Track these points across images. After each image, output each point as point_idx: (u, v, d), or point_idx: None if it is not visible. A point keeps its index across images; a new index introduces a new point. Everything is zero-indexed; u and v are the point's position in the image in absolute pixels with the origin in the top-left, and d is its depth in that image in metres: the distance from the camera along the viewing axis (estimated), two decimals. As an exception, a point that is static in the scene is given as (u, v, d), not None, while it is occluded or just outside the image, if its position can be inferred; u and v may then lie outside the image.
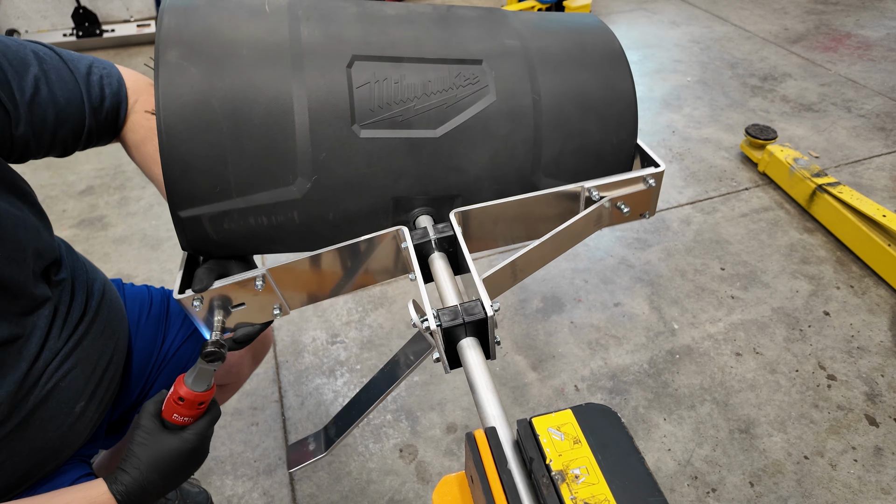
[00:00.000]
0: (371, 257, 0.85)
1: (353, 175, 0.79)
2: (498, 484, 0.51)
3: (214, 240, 0.80)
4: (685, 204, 2.59)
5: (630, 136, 0.89)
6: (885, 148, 2.84)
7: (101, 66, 0.90)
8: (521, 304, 2.16)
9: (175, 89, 0.72)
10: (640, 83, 3.51)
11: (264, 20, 0.80)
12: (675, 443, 1.70)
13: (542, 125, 0.85)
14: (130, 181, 2.96)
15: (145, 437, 0.78)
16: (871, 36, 3.90)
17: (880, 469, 1.61)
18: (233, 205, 0.77)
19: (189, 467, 0.81)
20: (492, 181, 0.86)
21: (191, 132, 0.72)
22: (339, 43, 0.80)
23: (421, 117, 0.80)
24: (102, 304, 0.96)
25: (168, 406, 0.79)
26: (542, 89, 0.85)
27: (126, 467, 0.77)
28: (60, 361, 0.85)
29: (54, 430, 0.86)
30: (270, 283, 0.80)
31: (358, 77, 0.78)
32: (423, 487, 1.63)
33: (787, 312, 2.06)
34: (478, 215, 0.85)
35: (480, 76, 0.83)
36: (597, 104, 0.87)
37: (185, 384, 0.77)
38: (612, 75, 0.88)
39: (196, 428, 0.80)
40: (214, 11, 0.79)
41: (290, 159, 0.76)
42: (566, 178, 0.89)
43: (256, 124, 0.74)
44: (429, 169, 0.82)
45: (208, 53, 0.74)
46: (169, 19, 0.76)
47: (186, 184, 0.74)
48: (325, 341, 2.07)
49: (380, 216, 0.85)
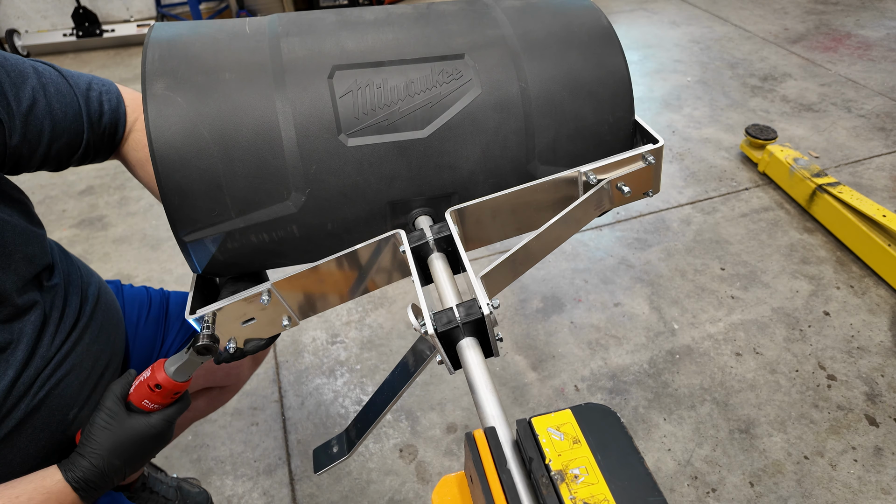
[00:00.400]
0: (373, 262, 0.85)
1: (345, 184, 0.80)
2: (497, 484, 0.51)
3: (222, 260, 0.82)
4: (685, 204, 2.59)
5: (626, 112, 0.88)
6: (885, 148, 2.84)
7: (101, 83, 0.90)
8: (521, 305, 2.16)
9: (164, 120, 0.73)
10: (640, 83, 3.51)
11: (245, 41, 0.81)
12: (675, 443, 1.70)
13: (532, 113, 0.84)
14: (130, 181, 2.96)
15: (109, 420, 0.76)
16: (872, 36, 3.90)
17: (880, 469, 1.61)
18: (233, 225, 0.78)
19: (152, 452, 0.79)
20: (487, 175, 0.85)
21: (183, 160, 0.74)
22: (319, 55, 0.80)
23: (407, 119, 0.80)
24: (97, 309, 0.95)
25: (139, 391, 0.76)
26: (528, 76, 0.84)
27: (84, 452, 0.75)
28: (53, 369, 0.84)
29: (48, 438, 0.84)
30: (277, 297, 0.81)
31: (340, 86, 0.79)
32: (422, 487, 1.63)
33: (787, 312, 2.06)
34: (474, 212, 0.84)
35: (464, 70, 0.82)
36: (588, 84, 0.85)
37: (167, 372, 0.75)
38: (601, 53, 0.86)
39: (165, 413, 0.78)
40: (197, 39, 0.81)
41: (282, 175, 0.77)
42: (564, 164, 0.87)
43: (245, 146, 0.76)
44: (420, 170, 0.82)
45: (193, 81, 0.76)
46: (152, 52, 0.77)
47: (186, 210, 0.76)
48: (325, 341, 2.07)
49: (378, 221, 0.85)
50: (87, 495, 0.75)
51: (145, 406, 0.77)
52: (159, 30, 0.82)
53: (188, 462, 1.73)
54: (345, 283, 0.86)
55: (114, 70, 4.28)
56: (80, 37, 4.45)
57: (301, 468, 1.69)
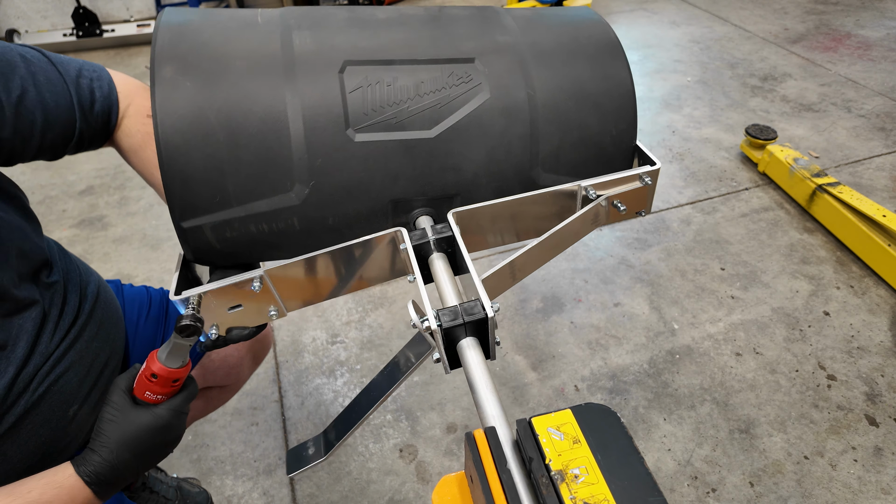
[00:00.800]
0: (370, 259, 0.85)
1: (350, 179, 0.80)
2: (497, 484, 0.51)
3: (218, 249, 0.81)
4: (685, 204, 2.59)
5: (629, 126, 0.89)
6: (885, 148, 2.84)
7: (91, 68, 0.89)
8: (521, 304, 2.16)
9: (171, 104, 0.73)
10: (640, 83, 3.51)
11: (257, 31, 0.81)
12: (675, 443, 1.70)
13: (538, 120, 0.84)
14: (130, 181, 2.96)
15: (115, 413, 0.75)
16: (871, 36, 3.90)
17: (880, 469, 1.61)
18: (233, 213, 0.78)
19: (163, 446, 0.79)
20: (490, 179, 0.86)
21: (188, 145, 0.73)
22: (331, 49, 0.80)
23: (415, 118, 0.80)
24: (97, 307, 0.95)
25: (140, 383, 0.76)
26: (536, 84, 0.84)
27: (95, 446, 0.75)
28: (52, 365, 0.84)
29: (47, 434, 0.84)
30: (268, 285, 0.80)
31: (350, 82, 0.79)
32: (422, 487, 1.63)
33: (787, 312, 2.06)
34: (475, 215, 0.85)
35: (473, 74, 0.83)
36: (593, 95, 0.86)
37: (159, 360, 0.74)
38: (607, 66, 0.87)
39: (170, 404, 0.77)
40: (208, 26, 0.80)
41: (286, 167, 0.77)
42: (566, 172, 0.88)
43: (252, 134, 0.75)
44: (425, 170, 0.82)
45: (203, 67, 0.75)
46: (163, 36, 0.77)
47: (187, 195, 0.75)
48: (325, 341, 2.07)
49: (379, 218, 0.85)
50: (99, 490, 0.74)
51: (148, 398, 0.76)
52: (170, 14, 0.81)
53: (188, 462, 1.73)
54: (339, 278, 0.85)
55: (113, 70, 4.28)
56: (80, 37, 4.44)
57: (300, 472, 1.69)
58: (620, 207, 0.89)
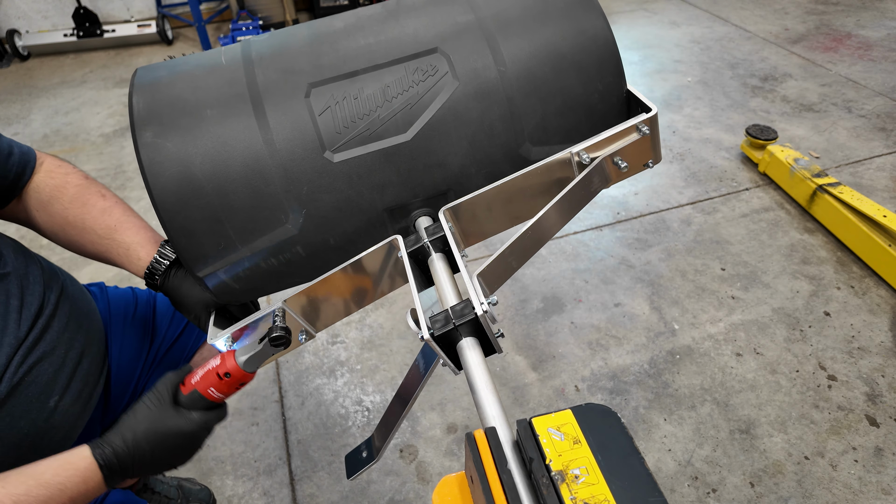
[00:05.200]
0: (378, 269, 0.85)
1: (338, 199, 0.81)
2: (498, 484, 0.51)
3: (237, 289, 0.85)
4: (685, 204, 2.59)
5: (615, 77, 0.85)
6: (885, 148, 2.84)
7: (19, 144, 0.94)
8: (521, 305, 2.16)
9: (158, 167, 0.76)
10: (640, 83, 3.51)
11: (221, 73, 0.82)
12: (676, 443, 1.70)
13: (514, 96, 0.81)
14: (130, 181, 2.96)
15: (154, 401, 0.76)
16: (872, 36, 3.90)
17: (881, 469, 1.60)
18: (240, 254, 0.81)
19: (179, 452, 0.79)
20: (479, 167, 0.84)
21: (182, 202, 0.77)
22: (293, 75, 0.81)
23: (388, 125, 0.80)
24: (63, 298, 0.96)
25: (207, 378, 0.77)
26: (506, 58, 0.81)
27: (119, 427, 0.75)
28: (24, 355, 0.85)
29: (28, 426, 0.85)
30: (290, 314, 0.83)
31: (317, 104, 0.79)
32: (423, 487, 1.63)
33: (787, 313, 2.06)
34: (469, 207, 0.83)
35: (438, 65, 0.81)
36: (571, 55, 0.82)
37: (237, 361, 0.76)
38: (581, 19, 0.83)
39: (204, 416, 0.78)
40: (178, 79, 0.82)
41: (276, 201, 0.79)
42: (559, 141, 0.85)
43: (236, 179, 0.78)
44: (411, 173, 0.82)
45: (180, 125, 0.78)
46: (138, 100, 0.79)
47: (193, 247, 0.79)
48: (325, 341, 2.07)
49: (378, 229, 0.86)
50: (110, 475, 0.74)
51: (210, 395, 0.77)
52: (142, 75, 0.84)
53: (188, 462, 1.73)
54: (353, 293, 0.87)
55: (114, 70, 4.28)
56: (81, 37, 4.45)
57: (301, 468, 1.69)
58: (621, 165, 0.84)
